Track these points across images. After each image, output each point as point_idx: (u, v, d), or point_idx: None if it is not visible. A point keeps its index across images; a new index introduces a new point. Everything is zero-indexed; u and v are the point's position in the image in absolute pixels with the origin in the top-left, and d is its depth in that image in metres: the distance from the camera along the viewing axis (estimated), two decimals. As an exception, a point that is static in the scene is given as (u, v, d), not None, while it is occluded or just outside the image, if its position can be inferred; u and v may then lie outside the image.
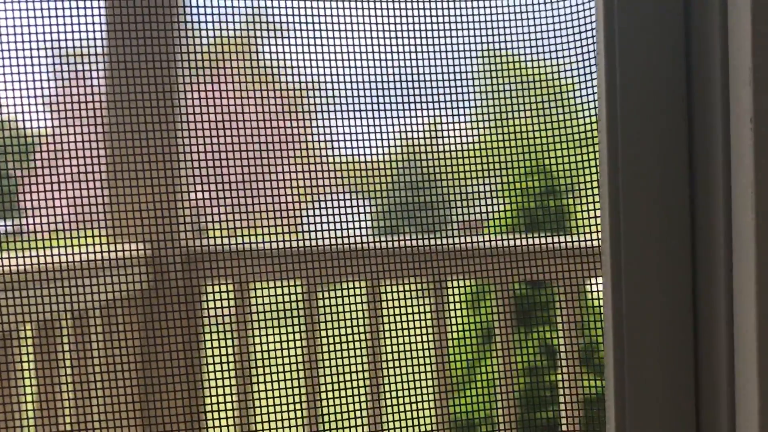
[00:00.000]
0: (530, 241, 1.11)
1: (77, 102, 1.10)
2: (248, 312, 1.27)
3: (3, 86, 0.94)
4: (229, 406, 1.22)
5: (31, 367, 1.09)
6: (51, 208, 0.97)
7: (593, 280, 1.34)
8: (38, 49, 0.94)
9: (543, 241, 1.12)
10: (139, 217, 0.97)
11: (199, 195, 1.15)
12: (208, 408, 1.16)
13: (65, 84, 1.10)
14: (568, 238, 1.12)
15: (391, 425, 1.06)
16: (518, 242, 1.11)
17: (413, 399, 1.06)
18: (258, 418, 1.13)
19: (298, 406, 1.13)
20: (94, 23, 0.95)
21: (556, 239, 1.12)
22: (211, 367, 1.09)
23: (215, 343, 1.24)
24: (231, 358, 1.25)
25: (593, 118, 1.07)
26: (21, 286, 0.88)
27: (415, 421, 1.06)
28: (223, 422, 1.06)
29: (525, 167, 1.28)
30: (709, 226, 0.65)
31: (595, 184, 1.03)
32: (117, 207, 1.04)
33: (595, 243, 1.06)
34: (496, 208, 1.33)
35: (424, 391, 1.10)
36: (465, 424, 1.35)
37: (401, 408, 1.06)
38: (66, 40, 0.96)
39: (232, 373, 1.26)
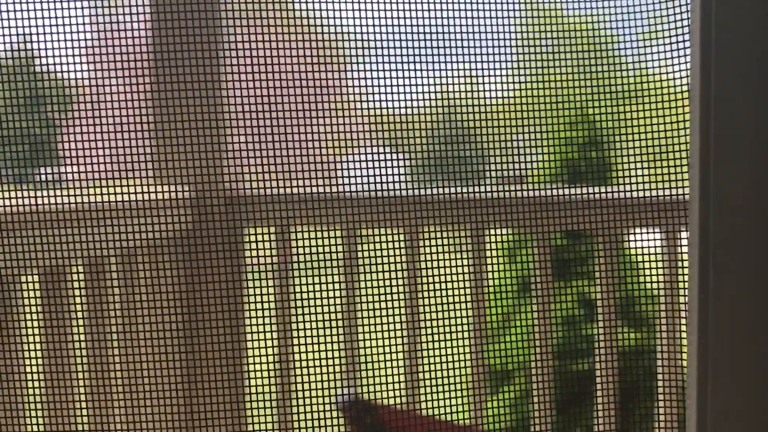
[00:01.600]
0: (570, 192, 1.11)
1: (118, 50, 1.11)
2: (289, 255, 1.29)
3: (45, 36, 0.95)
4: (269, 348, 1.25)
5: (80, 303, 1.13)
6: (93, 155, 0.99)
7: (632, 232, 1.33)
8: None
9: (583, 191, 1.11)
10: (182, 159, 0.99)
11: (242, 141, 1.16)
12: (249, 350, 1.18)
13: (107, 32, 1.11)
14: (609, 190, 1.12)
15: (427, 371, 1.07)
16: (558, 192, 1.10)
17: (450, 345, 1.08)
18: (297, 361, 1.15)
19: (336, 349, 1.15)
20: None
21: (596, 191, 1.12)
22: (251, 310, 1.11)
23: (256, 285, 1.26)
24: (272, 299, 1.27)
25: (636, 72, 1.05)
26: (69, 225, 0.90)
27: (451, 368, 1.07)
28: (264, 364, 1.08)
29: (566, 118, 1.27)
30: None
31: (635, 136, 1.02)
32: (160, 150, 1.06)
33: (636, 195, 1.05)
34: (537, 159, 1.32)
35: (461, 338, 1.11)
36: (500, 372, 1.36)
37: (437, 354, 1.07)
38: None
39: (273, 315, 1.28)
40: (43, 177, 1.22)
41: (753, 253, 0.66)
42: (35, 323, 1.03)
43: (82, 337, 1.09)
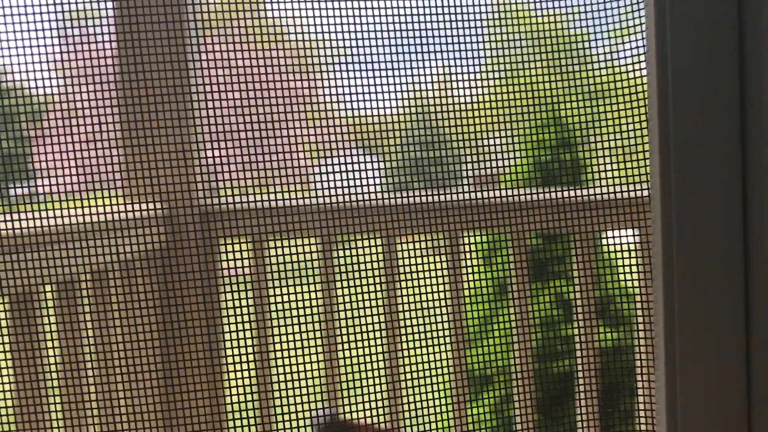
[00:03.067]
0: (544, 195, 1.11)
1: (87, 63, 1.10)
2: (265, 267, 1.28)
3: (10, 50, 0.94)
4: (247, 360, 1.24)
5: (53, 325, 1.11)
6: (64, 169, 0.98)
7: (608, 233, 1.34)
8: (45, 12, 0.94)
9: (558, 194, 1.11)
10: (154, 176, 0.98)
11: (213, 154, 1.15)
12: (227, 363, 1.17)
13: (74, 45, 1.09)
14: (583, 192, 1.12)
15: (408, 379, 1.07)
16: (533, 196, 1.10)
17: (430, 352, 1.07)
18: (275, 373, 1.14)
19: (314, 359, 1.14)
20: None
21: (570, 192, 1.12)
22: (229, 321, 1.10)
23: (233, 299, 1.25)
24: (249, 312, 1.26)
25: (607, 71, 1.06)
26: (39, 248, 0.89)
27: (432, 374, 1.07)
28: (242, 377, 1.07)
29: (539, 120, 1.27)
30: (762, 187, 0.64)
31: (609, 135, 1.02)
32: (131, 167, 1.04)
33: (610, 195, 1.05)
34: (509, 161, 1.32)
35: (441, 344, 1.11)
36: (481, 376, 1.36)
37: (418, 361, 1.07)
38: (74, 2, 0.96)
39: (250, 328, 1.27)
40: (14, 192, 1.20)
41: (714, 249, 0.67)
42: (5, 349, 1.01)
43: (56, 360, 1.08)
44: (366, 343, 1.05)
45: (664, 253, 0.67)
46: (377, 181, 1.28)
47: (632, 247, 1.33)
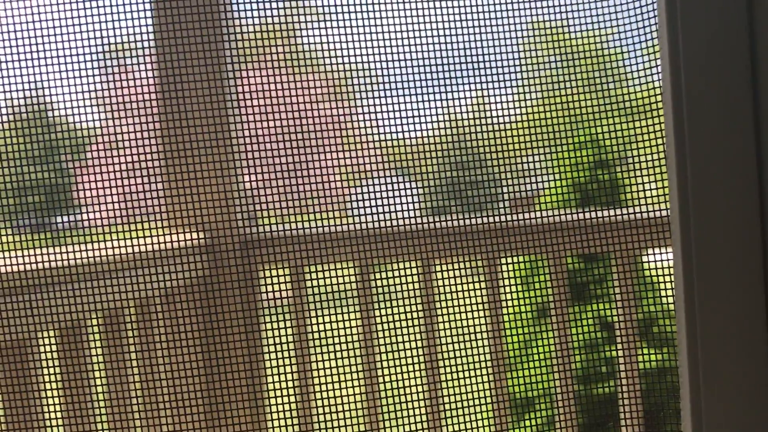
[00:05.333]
0: (583, 215, 1.10)
1: (128, 95, 1.12)
2: (304, 293, 1.29)
3: (54, 83, 0.96)
4: (289, 386, 1.25)
5: (99, 354, 1.13)
6: (107, 200, 1.00)
7: (648, 252, 1.32)
8: (88, 46, 0.96)
9: (596, 214, 1.10)
10: (194, 207, 0.99)
11: (252, 183, 1.17)
12: (269, 389, 1.18)
13: (116, 78, 1.12)
14: (622, 211, 1.11)
15: (448, 402, 1.06)
16: (571, 217, 1.10)
17: (470, 376, 1.07)
18: (317, 398, 1.14)
19: (354, 385, 1.15)
20: (141, 17, 0.97)
21: (609, 212, 1.11)
22: (270, 349, 1.11)
23: (273, 326, 1.26)
24: (289, 340, 1.27)
25: (641, 87, 1.05)
26: (85, 278, 0.90)
27: (473, 399, 1.06)
28: (283, 403, 1.08)
29: (575, 140, 1.27)
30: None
31: (647, 153, 1.01)
32: (172, 198, 1.06)
33: (650, 215, 1.04)
34: (547, 183, 1.32)
35: (481, 368, 1.10)
36: (522, 400, 1.35)
37: (458, 385, 1.06)
38: (114, 36, 0.98)
39: (291, 355, 1.28)
40: (60, 225, 1.22)
41: (735, 261, 0.66)
42: (54, 381, 1.03)
43: (103, 389, 1.09)
44: (405, 368, 1.05)
45: (684, 272, 0.67)
46: (414, 205, 1.28)
47: (672, 265, 1.31)
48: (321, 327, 1.10)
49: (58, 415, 0.99)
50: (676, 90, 0.66)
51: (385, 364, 1.07)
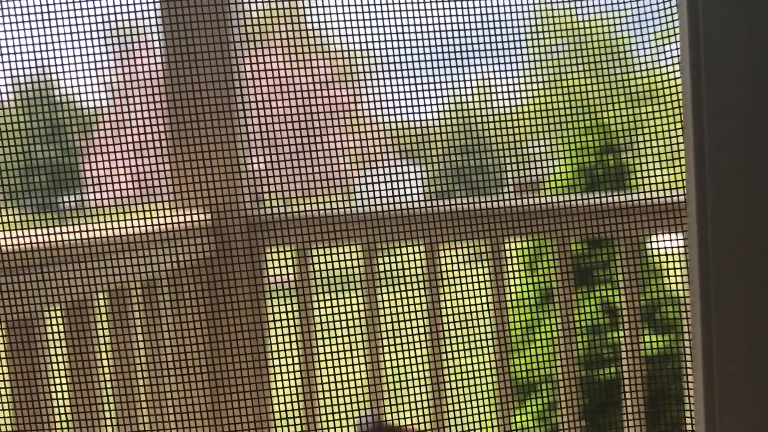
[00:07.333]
0: (588, 200, 1.10)
1: (135, 75, 1.12)
2: (309, 275, 1.30)
3: (61, 63, 0.96)
4: (292, 366, 1.25)
5: (105, 334, 1.14)
6: (114, 180, 1.00)
7: (653, 238, 1.32)
8: (94, 25, 0.96)
9: (602, 200, 1.10)
10: (200, 187, 0.99)
11: (258, 164, 1.17)
12: (273, 368, 1.19)
13: (123, 57, 1.12)
14: (628, 197, 1.11)
15: (452, 386, 1.07)
16: (576, 201, 1.10)
17: (474, 360, 1.07)
18: (320, 379, 1.15)
19: (359, 365, 1.15)
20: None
21: (615, 197, 1.11)
22: (274, 330, 1.12)
23: (278, 307, 1.27)
24: (294, 319, 1.28)
25: (648, 74, 1.05)
26: (92, 257, 0.91)
27: (476, 381, 1.07)
28: (287, 383, 1.09)
29: (581, 125, 1.27)
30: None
31: (655, 139, 1.01)
32: (179, 178, 1.07)
33: (656, 201, 1.04)
34: (552, 167, 1.31)
35: (485, 351, 1.11)
36: (526, 383, 1.36)
37: (462, 368, 1.07)
38: (121, 13, 0.98)
39: (295, 333, 1.28)
40: (66, 204, 1.23)
41: (752, 254, 0.66)
42: (61, 360, 1.04)
43: (108, 367, 1.10)
44: (409, 350, 1.05)
45: (700, 258, 0.66)
46: (420, 189, 1.28)
47: (678, 251, 1.31)
48: (325, 309, 1.11)
49: (65, 389, 1.00)
50: (695, 74, 0.66)
51: (388, 345, 1.08)
